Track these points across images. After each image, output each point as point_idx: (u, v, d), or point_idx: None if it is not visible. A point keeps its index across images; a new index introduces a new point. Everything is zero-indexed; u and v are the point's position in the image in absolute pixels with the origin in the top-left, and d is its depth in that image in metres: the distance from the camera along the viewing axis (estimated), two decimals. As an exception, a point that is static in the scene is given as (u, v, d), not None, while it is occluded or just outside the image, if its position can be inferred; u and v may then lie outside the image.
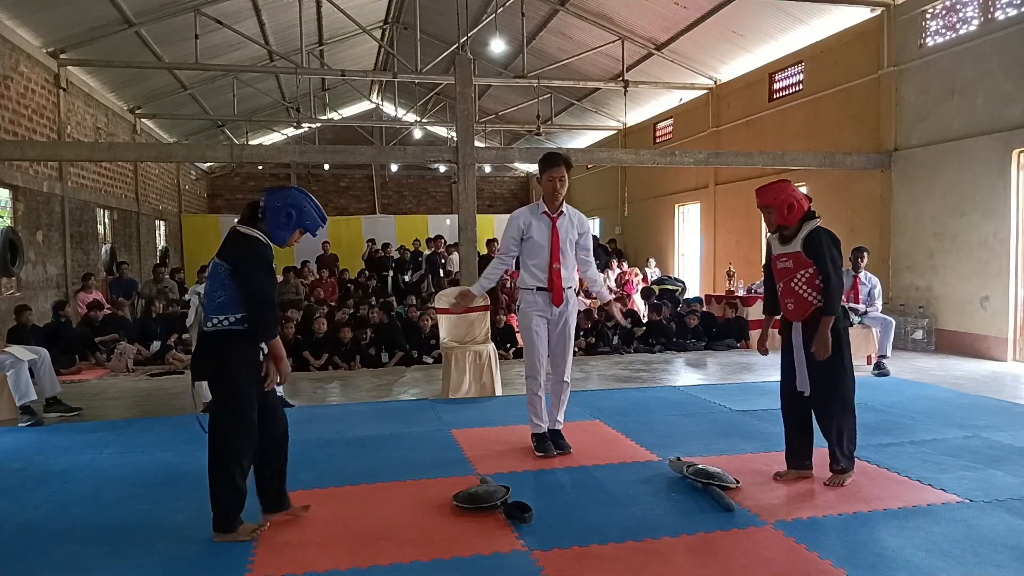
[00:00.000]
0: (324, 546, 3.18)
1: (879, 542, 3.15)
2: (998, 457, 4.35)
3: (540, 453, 4.53)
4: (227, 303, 3.07)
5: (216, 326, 3.08)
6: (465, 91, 9.23)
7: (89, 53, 10.98)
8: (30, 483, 4.17)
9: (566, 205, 4.54)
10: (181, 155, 13.49)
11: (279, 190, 3.24)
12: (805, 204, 3.85)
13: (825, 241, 3.78)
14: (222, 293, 3.07)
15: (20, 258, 8.70)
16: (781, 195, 3.84)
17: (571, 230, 4.50)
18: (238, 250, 3.09)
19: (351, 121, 20.96)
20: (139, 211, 14.98)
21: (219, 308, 3.08)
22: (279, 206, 3.14)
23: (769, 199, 3.87)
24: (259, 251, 3.10)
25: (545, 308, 4.50)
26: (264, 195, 3.20)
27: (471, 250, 9.07)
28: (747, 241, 12.77)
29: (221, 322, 3.08)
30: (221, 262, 3.10)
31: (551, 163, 4.43)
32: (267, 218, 3.15)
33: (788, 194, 3.84)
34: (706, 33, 11.89)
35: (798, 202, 3.83)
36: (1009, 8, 8.01)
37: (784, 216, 3.83)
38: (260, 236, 3.14)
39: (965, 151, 8.46)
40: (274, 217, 3.14)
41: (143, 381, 7.86)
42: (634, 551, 3.09)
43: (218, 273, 3.11)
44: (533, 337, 4.52)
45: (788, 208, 3.81)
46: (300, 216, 3.17)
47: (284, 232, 3.17)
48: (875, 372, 7.36)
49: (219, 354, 3.11)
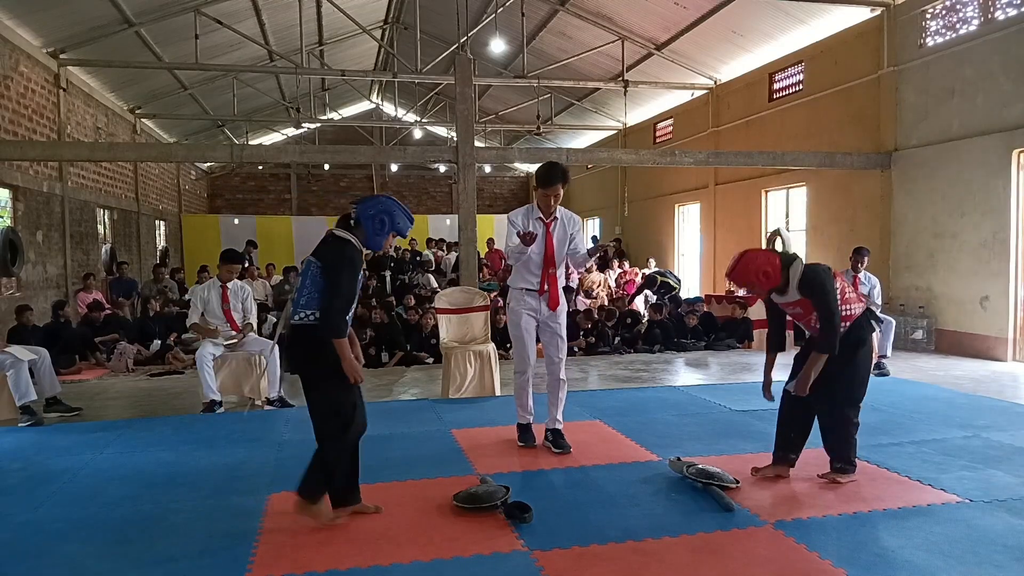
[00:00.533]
0: (324, 546, 3.18)
1: (879, 542, 3.15)
2: (998, 457, 4.35)
3: (521, 443, 4.72)
4: (316, 299, 3.25)
5: (303, 320, 3.26)
6: (465, 91, 9.23)
7: (89, 53, 10.98)
8: (30, 483, 4.17)
9: (560, 209, 4.69)
10: (181, 155, 13.50)
11: (370, 199, 3.42)
12: (776, 260, 3.76)
13: (820, 280, 3.72)
14: (312, 289, 3.25)
15: (20, 258, 8.69)
16: (751, 268, 3.75)
17: (564, 233, 4.65)
18: (331, 250, 3.27)
19: (351, 121, 20.96)
20: (139, 211, 14.98)
21: (308, 303, 3.25)
22: (372, 214, 3.34)
23: (742, 279, 3.82)
24: (350, 253, 3.27)
25: (535, 307, 4.65)
26: (356, 206, 3.38)
27: (471, 250, 9.07)
28: (747, 241, 12.73)
29: (308, 316, 3.26)
30: (315, 260, 3.28)
31: (548, 182, 4.48)
32: (363, 226, 3.34)
33: (756, 265, 3.74)
34: (706, 33, 11.89)
35: (769, 263, 3.74)
36: (1009, 8, 8.01)
37: (765, 283, 3.77)
38: (354, 240, 3.33)
39: (965, 151, 8.46)
40: (369, 224, 3.34)
41: (143, 381, 7.86)
42: (634, 551, 3.09)
43: (311, 270, 3.29)
44: (523, 335, 4.68)
45: (764, 275, 3.74)
46: (392, 220, 3.38)
47: (379, 237, 3.38)
48: (875, 372, 7.35)
49: (312, 344, 3.26)
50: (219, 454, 4.71)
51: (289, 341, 3.38)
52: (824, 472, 3.94)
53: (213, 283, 6.33)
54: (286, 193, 23.25)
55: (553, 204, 4.55)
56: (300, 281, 3.34)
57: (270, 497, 3.80)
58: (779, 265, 3.75)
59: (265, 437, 5.19)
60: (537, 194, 4.60)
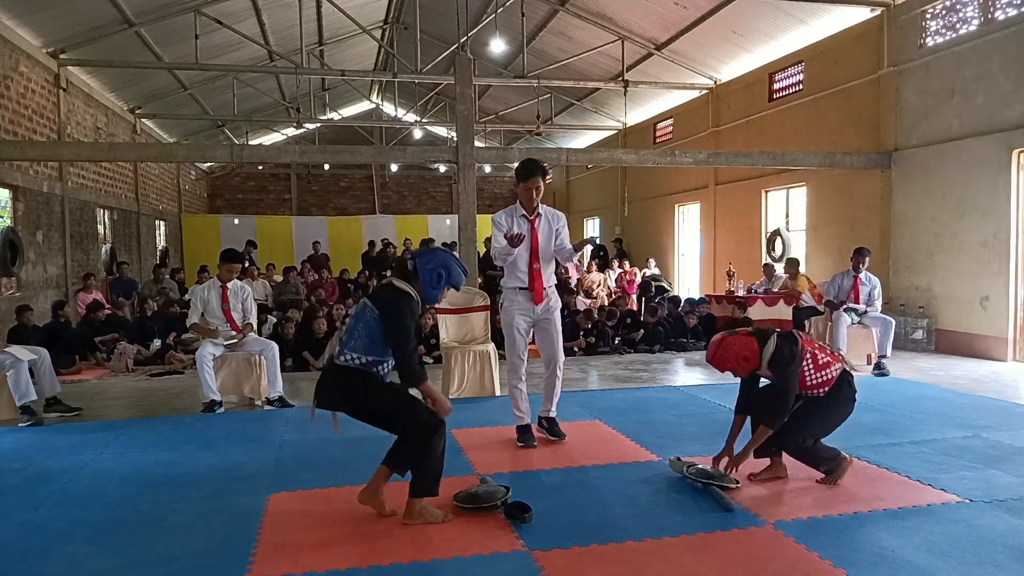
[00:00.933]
0: (324, 546, 3.18)
1: (879, 542, 3.15)
2: (998, 457, 4.35)
3: (520, 444, 4.75)
4: (367, 344, 3.30)
5: (348, 362, 3.31)
6: (465, 91, 9.23)
7: (89, 53, 10.97)
8: (30, 483, 4.17)
9: (542, 206, 4.83)
10: (181, 155, 13.50)
11: (429, 253, 3.50)
12: (753, 344, 3.80)
13: (784, 358, 3.75)
14: (364, 334, 3.31)
15: (20, 258, 8.70)
16: (729, 355, 3.82)
17: (549, 229, 4.78)
18: (393, 301, 3.33)
19: (351, 121, 20.96)
20: (139, 211, 14.98)
21: (356, 347, 3.31)
22: (431, 268, 3.42)
23: (722, 365, 3.88)
24: (411, 306, 3.36)
25: (527, 307, 4.76)
26: (416, 258, 3.44)
27: (471, 250, 9.07)
28: (747, 241, 12.77)
29: (355, 359, 3.31)
30: (373, 307, 3.34)
31: (526, 175, 4.70)
32: (421, 278, 3.41)
33: (735, 350, 3.80)
34: (706, 33, 11.89)
35: (747, 349, 3.79)
36: (1009, 8, 8.01)
37: (746, 367, 3.83)
38: (413, 292, 3.39)
39: (965, 151, 8.46)
40: (427, 277, 3.41)
41: (143, 381, 7.86)
42: (634, 551, 3.09)
43: (365, 315, 3.34)
44: (514, 334, 4.79)
45: (744, 360, 3.80)
46: (449, 275, 3.46)
47: (436, 291, 3.45)
48: (875, 372, 7.37)
49: (355, 386, 3.33)
50: (219, 454, 4.71)
51: (328, 378, 3.39)
52: (821, 477, 3.94)
53: (213, 283, 6.33)
54: (286, 193, 23.25)
55: (535, 197, 4.69)
56: (352, 322, 3.36)
57: (270, 497, 3.80)
58: (757, 349, 3.79)
59: (265, 437, 5.19)
60: (519, 189, 4.75)
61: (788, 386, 3.76)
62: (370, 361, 3.31)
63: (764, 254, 11.75)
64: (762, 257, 11.82)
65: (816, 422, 3.86)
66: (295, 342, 8.41)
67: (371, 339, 3.29)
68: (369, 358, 3.30)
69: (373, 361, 3.31)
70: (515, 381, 4.85)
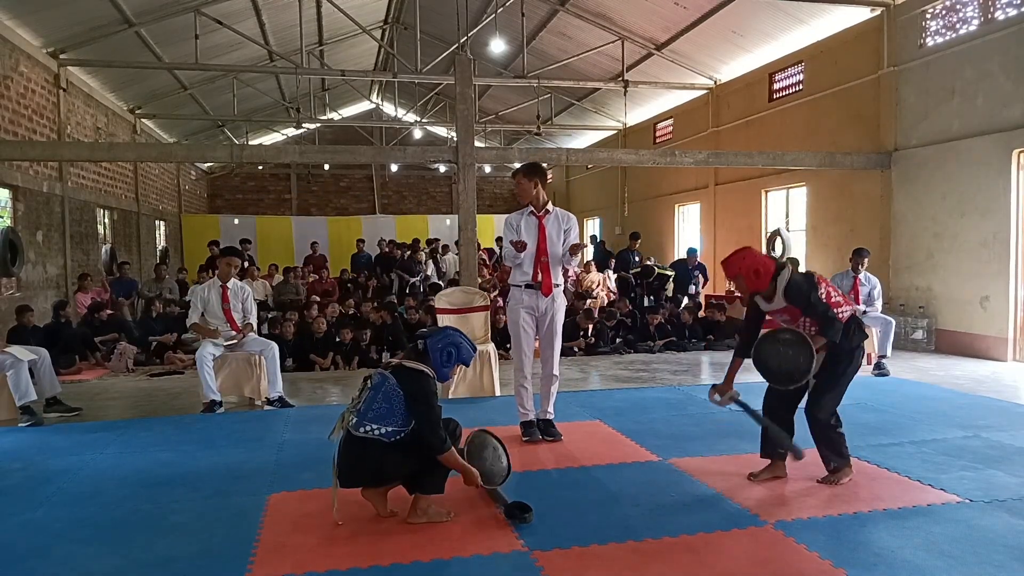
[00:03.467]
0: (324, 546, 3.18)
1: (879, 542, 3.15)
2: (998, 457, 4.35)
3: (526, 438, 4.81)
4: (385, 416, 3.36)
5: (367, 433, 3.34)
6: (465, 91, 9.23)
7: (89, 53, 10.97)
8: (30, 483, 4.16)
9: (551, 205, 4.92)
10: (181, 155, 13.51)
11: (438, 334, 3.56)
12: (771, 265, 3.81)
13: (803, 288, 3.74)
14: (385, 406, 3.36)
15: (20, 258, 8.69)
16: (745, 263, 3.81)
17: (558, 227, 4.85)
18: (416, 383, 3.40)
19: (351, 121, 20.96)
20: (139, 211, 14.98)
21: (376, 418, 3.35)
22: (441, 347, 3.50)
23: (734, 270, 3.86)
24: (431, 387, 3.45)
25: (532, 304, 4.81)
26: (426, 339, 3.53)
27: (471, 250, 9.07)
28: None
29: (374, 431, 3.34)
30: (395, 384, 3.39)
31: (513, 172, 5.02)
32: (431, 358, 3.49)
33: (751, 260, 3.81)
34: (706, 33, 11.89)
35: (763, 265, 3.80)
36: (1009, 8, 8.01)
37: (753, 282, 3.81)
38: (429, 371, 3.47)
39: (965, 151, 8.46)
40: (437, 357, 3.50)
41: (143, 381, 7.86)
42: (634, 551, 3.09)
43: (386, 389, 3.39)
44: (519, 332, 4.85)
45: (755, 274, 3.79)
46: (459, 353, 3.55)
47: (446, 368, 3.53)
48: (875, 372, 7.36)
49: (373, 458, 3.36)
50: (219, 454, 4.71)
51: (348, 450, 3.41)
52: (823, 476, 3.94)
53: (213, 283, 6.33)
54: (286, 193, 23.25)
55: (535, 193, 4.79)
56: (370, 393, 3.40)
57: (270, 497, 3.80)
58: (772, 271, 3.78)
59: (265, 437, 5.18)
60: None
61: (825, 309, 3.71)
62: (389, 432, 3.35)
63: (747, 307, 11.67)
64: (762, 257, 11.79)
65: (831, 376, 3.83)
66: (297, 342, 8.41)
67: (389, 412, 3.35)
68: (386, 429, 3.34)
69: (393, 432, 3.35)
70: (520, 379, 4.88)
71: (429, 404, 3.37)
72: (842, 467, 3.90)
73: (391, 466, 3.39)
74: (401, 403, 3.35)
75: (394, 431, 3.34)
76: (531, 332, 4.87)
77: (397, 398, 3.35)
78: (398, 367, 3.47)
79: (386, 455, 3.35)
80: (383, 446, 3.34)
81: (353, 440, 3.36)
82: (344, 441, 3.41)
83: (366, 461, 3.37)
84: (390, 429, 3.34)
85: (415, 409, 3.35)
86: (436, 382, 3.49)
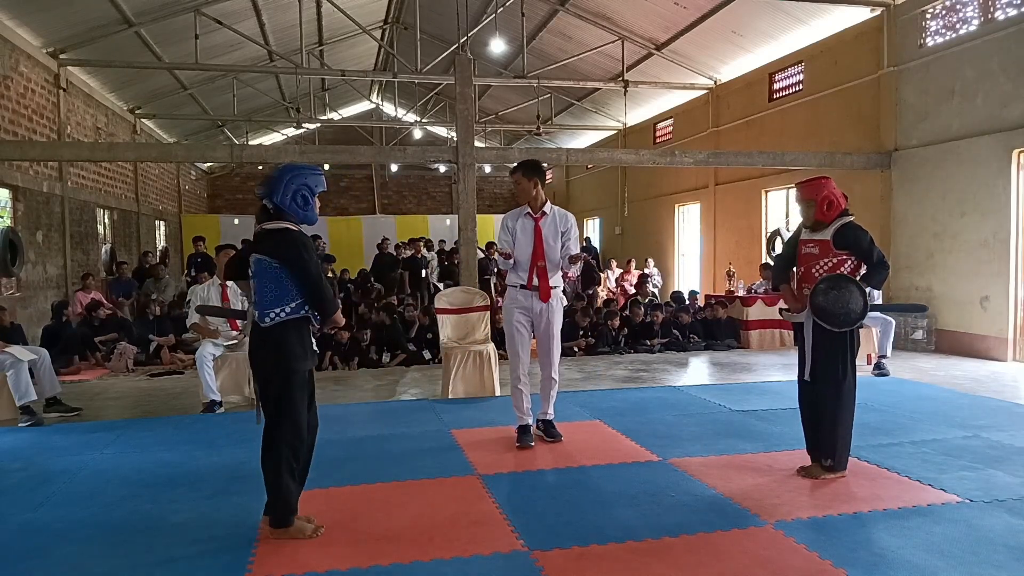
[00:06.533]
0: (324, 546, 3.18)
1: (879, 542, 3.15)
2: (998, 457, 4.35)
3: (519, 444, 4.73)
4: (280, 295, 3.20)
5: (274, 320, 3.19)
6: (465, 91, 9.23)
7: (89, 53, 10.97)
8: (30, 483, 4.17)
9: (550, 206, 4.83)
10: (181, 155, 13.49)
11: (270, 182, 3.26)
12: (843, 202, 3.94)
13: (858, 232, 3.88)
14: (273, 287, 3.20)
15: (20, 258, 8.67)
16: (822, 192, 3.93)
17: (555, 229, 4.76)
18: (283, 245, 3.20)
19: (351, 121, 20.95)
20: (139, 211, 14.98)
21: (273, 302, 3.20)
22: (291, 195, 3.23)
23: (810, 194, 3.96)
24: (301, 240, 3.23)
25: (527, 305, 4.76)
26: (266, 198, 3.26)
27: (471, 250, 9.07)
28: (747, 241, 12.76)
29: (278, 315, 3.19)
30: (266, 258, 3.20)
31: (512, 170, 4.87)
32: (287, 210, 3.24)
33: (829, 191, 3.93)
34: (706, 33, 11.89)
35: (837, 200, 3.92)
36: (1009, 8, 8.01)
37: (823, 212, 3.93)
38: (291, 226, 3.25)
39: (965, 151, 8.46)
40: (292, 204, 3.24)
41: (143, 381, 7.86)
42: (634, 551, 3.09)
43: (264, 269, 3.21)
44: (514, 332, 4.81)
45: (827, 205, 3.91)
46: (310, 188, 3.28)
47: (307, 210, 3.28)
48: (875, 372, 7.36)
49: (278, 347, 3.21)
50: (219, 454, 4.71)
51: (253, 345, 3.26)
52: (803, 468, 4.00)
53: (213, 283, 6.34)
54: (286, 193, 23.21)
55: (534, 193, 4.74)
56: (256, 282, 3.23)
57: (270, 497, 3.80)
58: (841, 210, 3.94)
59: (265, 437, 5.18)
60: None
61: (880, 255, 3.86)
62: (293, 308, 3.19)
63: (764, 254, 11.74)
64: (762, 257, 11.81)
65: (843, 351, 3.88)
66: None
67: (281, 289, 3.19)
68: (288, 306, 3.19)
69: (297, 306, 3.20)
70: (516, 381, 4.84)
71: (304, 261, 3.17)
72: (835, 468, 3.94)
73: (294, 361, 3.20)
74: (288, 276, 3.18)
75: (298, 306, 3.20)
76: (526, 333, 4.83)
77: (282, 273, 3.18)
78: (261, 234, 3.24)
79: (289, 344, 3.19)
80: (285, 327, 3.18)
81: (262, 331, 3.21)
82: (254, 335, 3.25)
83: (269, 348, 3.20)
84: (292, 306, 3.19)
85: (293, 272, 3.17)
86: (304, 233, 3.28)
